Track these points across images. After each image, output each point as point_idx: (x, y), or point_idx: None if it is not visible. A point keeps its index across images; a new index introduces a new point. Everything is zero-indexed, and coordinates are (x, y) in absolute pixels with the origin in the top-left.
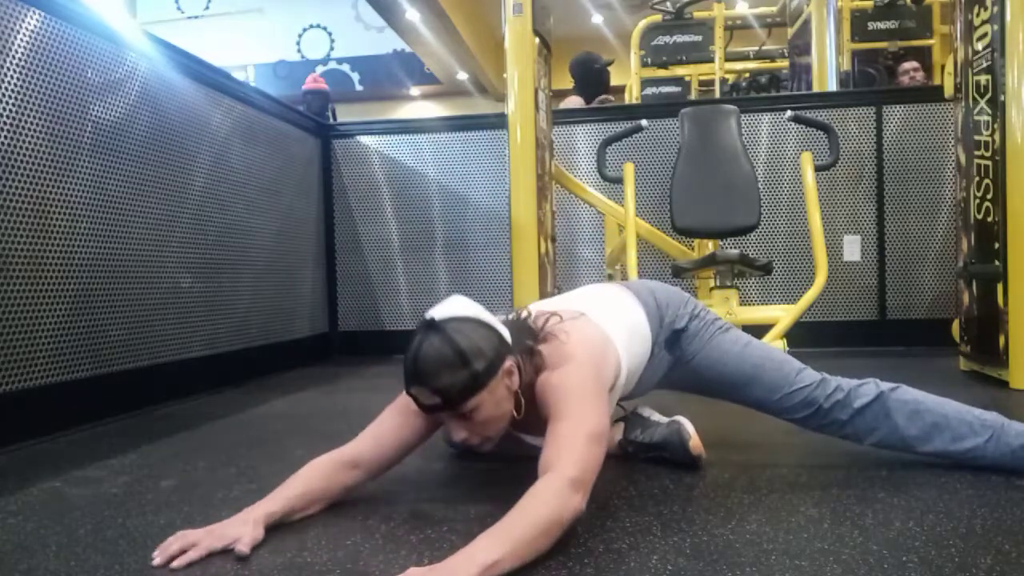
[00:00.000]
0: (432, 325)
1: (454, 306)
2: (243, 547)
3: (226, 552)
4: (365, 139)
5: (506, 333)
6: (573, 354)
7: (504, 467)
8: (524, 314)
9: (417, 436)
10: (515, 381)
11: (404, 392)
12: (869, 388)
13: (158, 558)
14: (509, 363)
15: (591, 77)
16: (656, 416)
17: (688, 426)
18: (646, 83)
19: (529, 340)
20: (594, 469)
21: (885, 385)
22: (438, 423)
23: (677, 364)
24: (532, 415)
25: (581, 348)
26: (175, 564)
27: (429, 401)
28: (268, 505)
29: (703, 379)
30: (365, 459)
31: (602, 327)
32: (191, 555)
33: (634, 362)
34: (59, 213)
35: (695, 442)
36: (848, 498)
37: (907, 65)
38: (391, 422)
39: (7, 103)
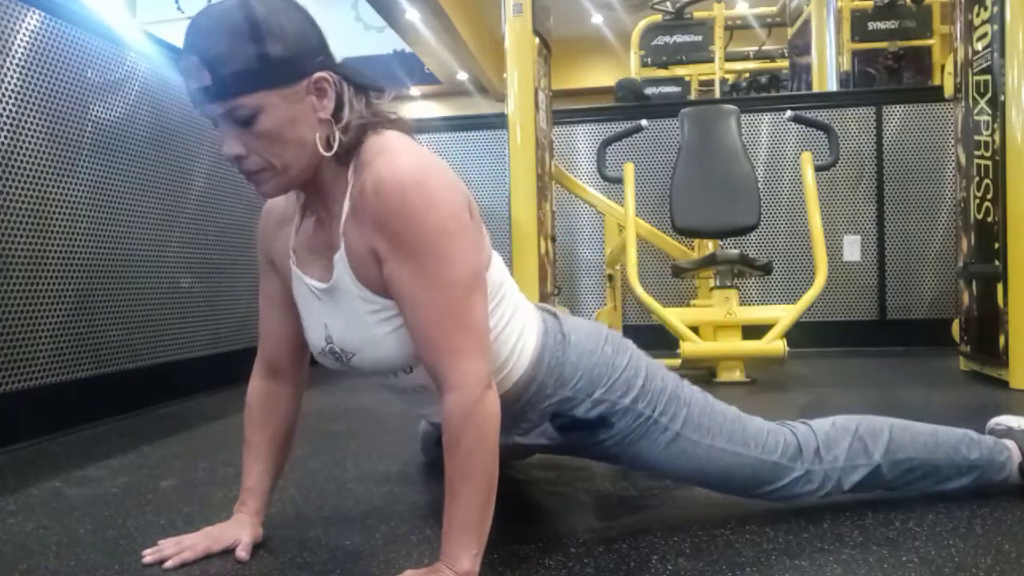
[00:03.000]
0: None
1: None
2: (243, 552)
3: (225, 553)
4: None
5: (337, 54)
6: (429, 167)
7: (501, 467)
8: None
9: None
10: (328, 106)
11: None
12: (860, 464)
13: (149, 557)
14: (324, 76)
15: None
16: None
17: None
18: (646, 83)
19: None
20: (488, 331)
21: (878, 448)
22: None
23: (575, 446)
24: (331, 204)
25: (440, 171)
26: (168, 564)
27: (196, 81)
28: (255, 502)
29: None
30: (274, 359)
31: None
32: (186, 555)
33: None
34: (59, 213)
35: None
36: (848, 498)
37: None
38: (263, 308)
39: (7, 103)
